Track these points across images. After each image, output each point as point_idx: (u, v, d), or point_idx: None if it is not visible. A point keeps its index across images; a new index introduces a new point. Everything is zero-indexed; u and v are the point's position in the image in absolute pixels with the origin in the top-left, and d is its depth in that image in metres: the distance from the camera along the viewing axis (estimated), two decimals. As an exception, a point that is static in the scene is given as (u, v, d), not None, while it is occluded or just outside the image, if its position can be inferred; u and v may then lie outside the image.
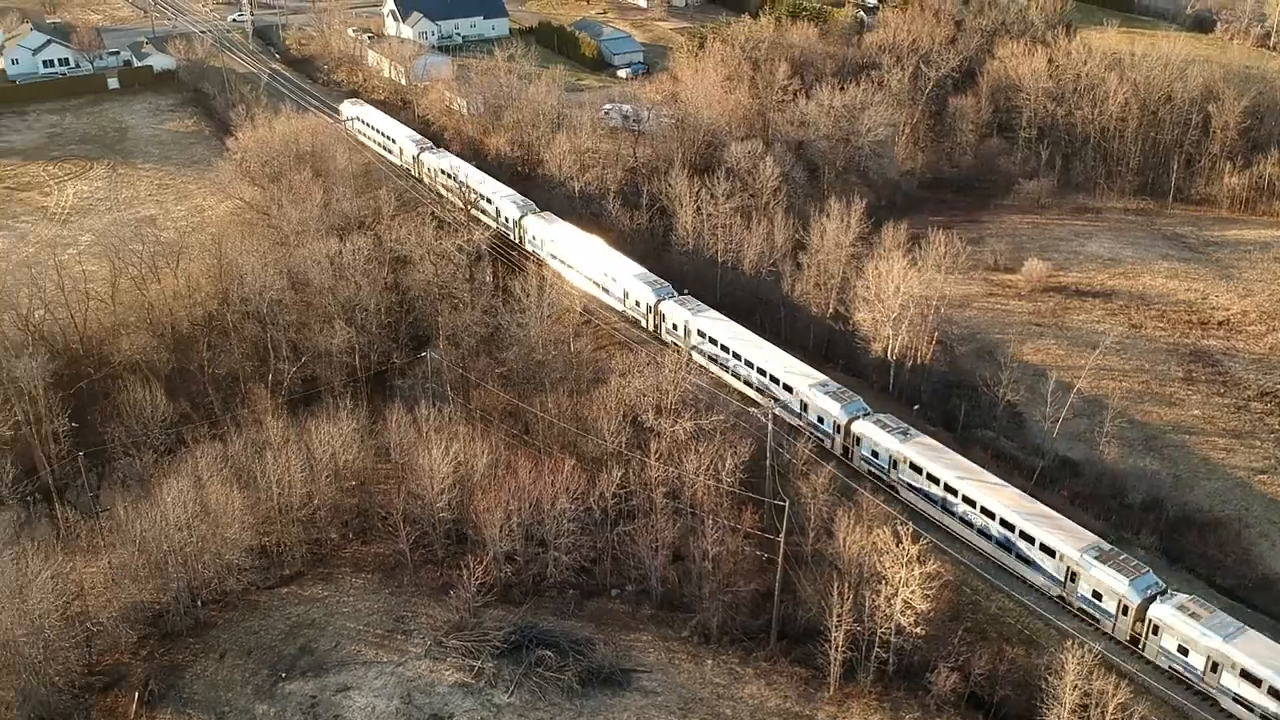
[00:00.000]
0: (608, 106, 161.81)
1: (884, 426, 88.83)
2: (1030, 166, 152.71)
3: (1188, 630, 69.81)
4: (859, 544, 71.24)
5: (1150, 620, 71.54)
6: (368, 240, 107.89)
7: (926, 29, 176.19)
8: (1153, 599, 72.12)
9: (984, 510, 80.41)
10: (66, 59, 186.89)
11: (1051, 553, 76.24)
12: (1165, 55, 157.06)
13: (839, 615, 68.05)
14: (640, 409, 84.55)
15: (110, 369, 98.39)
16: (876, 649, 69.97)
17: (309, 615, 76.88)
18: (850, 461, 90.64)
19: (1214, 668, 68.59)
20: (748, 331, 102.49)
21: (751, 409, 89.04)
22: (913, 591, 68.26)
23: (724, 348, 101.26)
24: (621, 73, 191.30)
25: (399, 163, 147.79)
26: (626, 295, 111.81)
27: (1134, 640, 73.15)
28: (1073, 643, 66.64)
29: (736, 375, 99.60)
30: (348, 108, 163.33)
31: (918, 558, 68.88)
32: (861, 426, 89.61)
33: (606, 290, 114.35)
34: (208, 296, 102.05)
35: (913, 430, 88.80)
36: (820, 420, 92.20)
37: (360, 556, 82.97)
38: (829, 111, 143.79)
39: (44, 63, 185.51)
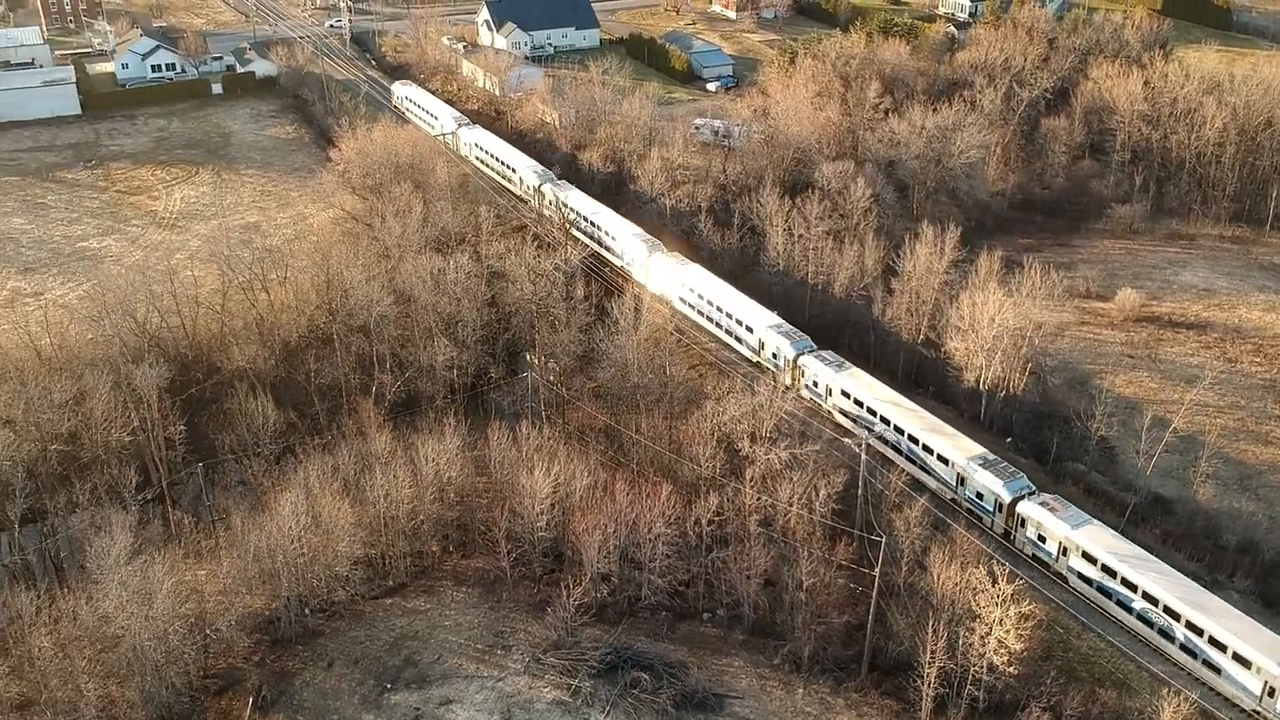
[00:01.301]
0: (699, 122, 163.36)
1: (824, 361, 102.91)
2: (1122, 190, 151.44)
3: (1045, 521, 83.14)
4: (953, 581, 72.04)
5: (1018, 515, 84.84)
6: (467, 257, 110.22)
7: (1019, 47, 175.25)
8: (1021, 498, 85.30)
9: (896, 428, 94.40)
10: (173, 64, 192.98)
11: (946, 461, 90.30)
12: (1266, 80, 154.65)
13: (933, 652, 68.98)
14: (736, 435, 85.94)
15: (220, 376, 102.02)
16: (969, 686, 70.74)
17: (412, 627, 79.56)
18: (796, 390, 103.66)
19: (1064, 551, 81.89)
20: (725, 284, 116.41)
21: (845, 439, 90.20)
22: (1007, 631, 68.99)
23: (700, 295, 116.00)
24: (711, 86, 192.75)
25: (439, 136, 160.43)
26: (625, 252, 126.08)
27: (1006, 535, 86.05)
28: (1169, 690, 66.98)
29: (711, 319, 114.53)
30: (398, 88, 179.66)
31: (1012, 597, 69.55)
32: (805, 360, 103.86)
33: (609, 249, 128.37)
34: (316, 309, 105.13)
35: (847, 364, 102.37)
36: (774, 355, 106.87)
37: (460, 570, 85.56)
38: (921, 131, 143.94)
39: (152, 67, 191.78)
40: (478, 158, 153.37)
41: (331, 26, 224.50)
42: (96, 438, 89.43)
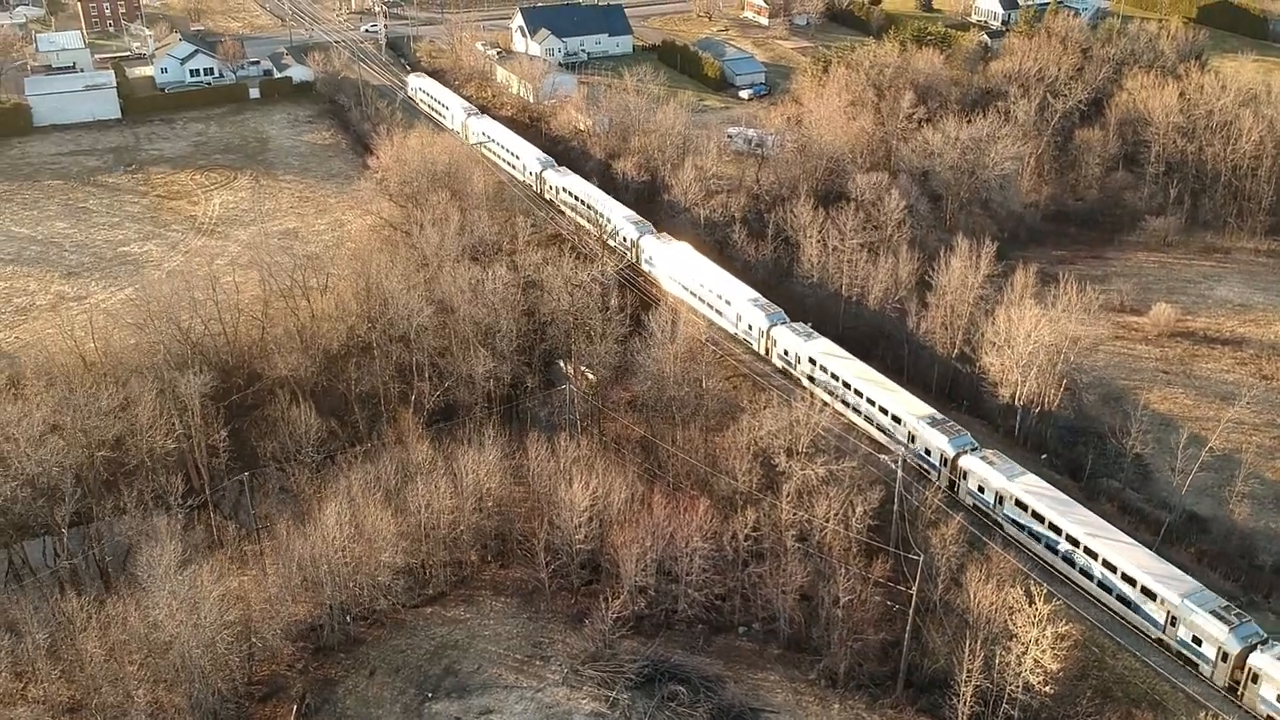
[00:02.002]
0: (732, 131, 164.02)
1: (794, 331, 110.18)
2: (1156, 202, 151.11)
3: (984, 473, 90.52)
4: (990, 600, 72.53)
5: (960, 468, 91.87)
6: (505, 267, 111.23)
7: (1053, 57, 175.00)
8: (963, 453, 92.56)
9: (844, 383, 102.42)
10: (211, 68, 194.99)
11: (899, 420, 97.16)
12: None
13: (969, 671, 69.49)
14: (772, 450, 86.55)
15: (262, 383, 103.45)
16: (1004, 705, 71.19)
17: (452, 636, 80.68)
18: (770, 359, 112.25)
19: (1000, 500, 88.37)
20: (708, 261, 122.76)
21: (881, 455, 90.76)
22: (1044, 651, 69.43)
23: (684, 272, 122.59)
24: (744, 93, 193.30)
25: (451, 126, 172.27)
26: (618, 233, 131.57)
27: (951, 485, 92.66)
28: (1207, 715, 67.23)
29: (695, 294, 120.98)
30: (413, 79, 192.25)
31: (1049, 617, 69.98)
32: (777, 330, 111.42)
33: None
34: (358, 319, 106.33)
35: (815, 334, 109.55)
36: (750, 327, 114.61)
37: (499, 580, 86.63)
38: (955, 143, 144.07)
39: (191, 72, 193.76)
40: (485, 145, 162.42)
41: (367, 31, 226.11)
42: (141, 444, 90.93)
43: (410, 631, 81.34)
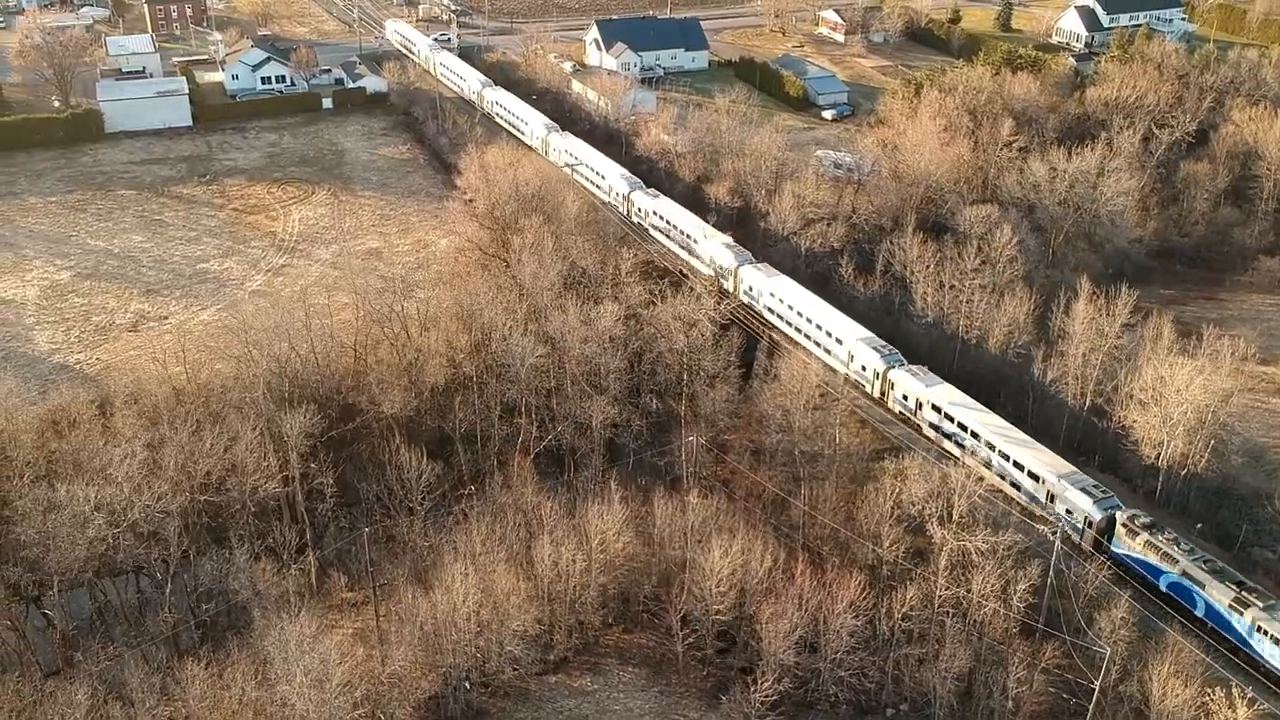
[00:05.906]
0: (823, 155, 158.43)
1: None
2: (1268, 241, 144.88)
3: (754, 280, 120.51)
4: (1179, 696, 66.82)
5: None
6: (614, 302, 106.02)
7: (1150, 85, 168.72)
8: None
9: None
10: (283, 76, 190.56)
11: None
12: None
13: (1163, 780, 63.92)
14: (923, 518, 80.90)
15: (363, 419, 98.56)
16: (1197, 815, 65.64)
17: (581, 710, 75.59)
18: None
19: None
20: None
21: (1039, 526, 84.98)
22: (1246, 759, 63.83)
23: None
24: (826, 114, 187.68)
25: (419, 61, 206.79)
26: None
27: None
28: None
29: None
30: (389, 24, 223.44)
31: (1252, 723, 64.39)
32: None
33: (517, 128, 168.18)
34: (465, 357, 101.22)
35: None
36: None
37: (624, 646, 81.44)
38: (1062, 176, 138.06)
39: (262, 80, 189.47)
40: (443, 75, 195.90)
41: (436, 40, 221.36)
42: (245, 485, 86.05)
43: (536, 703, 76.25)
